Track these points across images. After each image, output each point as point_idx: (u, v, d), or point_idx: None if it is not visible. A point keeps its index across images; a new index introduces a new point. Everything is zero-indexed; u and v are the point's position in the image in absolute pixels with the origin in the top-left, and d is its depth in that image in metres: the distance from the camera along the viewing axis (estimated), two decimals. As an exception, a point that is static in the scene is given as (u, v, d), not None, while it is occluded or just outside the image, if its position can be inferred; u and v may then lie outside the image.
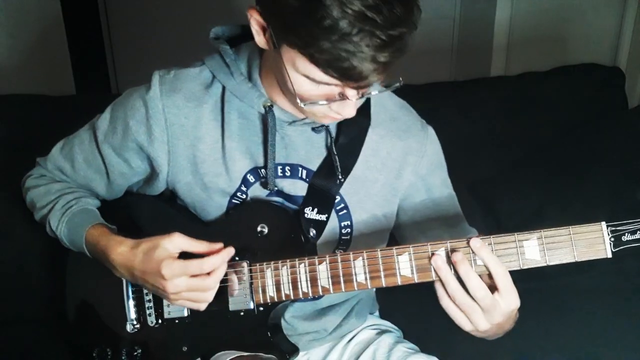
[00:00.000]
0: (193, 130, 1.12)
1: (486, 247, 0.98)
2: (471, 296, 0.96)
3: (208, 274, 1.04)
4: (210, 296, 1.06)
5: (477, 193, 1.98)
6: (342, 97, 0.96)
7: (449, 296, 0.97)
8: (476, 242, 0.98)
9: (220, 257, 1.05)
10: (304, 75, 0.94)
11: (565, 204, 1.82)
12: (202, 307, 1.08)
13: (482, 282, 0.96)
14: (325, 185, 1.14)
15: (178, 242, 1.05)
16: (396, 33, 0.87)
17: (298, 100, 0.97)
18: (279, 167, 1.13)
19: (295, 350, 1.17)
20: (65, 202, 1.20)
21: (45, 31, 2.16)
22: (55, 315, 1.39)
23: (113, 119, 1.18)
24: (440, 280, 0.98)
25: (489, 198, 1.96)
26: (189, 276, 1.03)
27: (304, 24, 0.86)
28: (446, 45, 2.56)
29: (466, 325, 0.99)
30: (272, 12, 0.93)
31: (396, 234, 1.26)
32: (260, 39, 0.99)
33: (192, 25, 2.36)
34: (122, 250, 1.09)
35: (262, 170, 1.13)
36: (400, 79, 0.99)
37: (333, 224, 1.17)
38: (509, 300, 0.97)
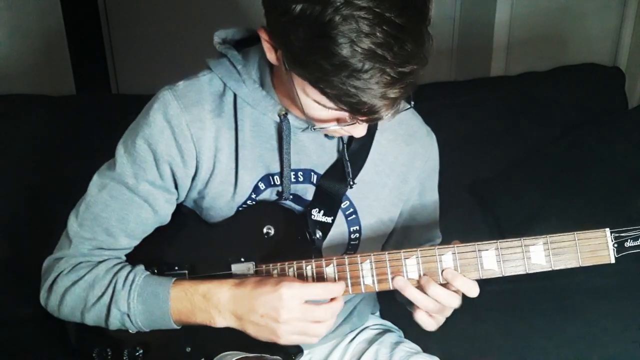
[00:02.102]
0: (214, 142, 1.08)
1: (432, 284, 1.02)
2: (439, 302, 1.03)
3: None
4: (324, 331, 1.01)
5: (477, 193, 1.98)
6: (353, 119, 0.96)
7: (424, 311, 1.04)
8: (399, 281, 1.04)
9: (340, 286, 1.02)
10: (314, 100, 0.94)
11: (565, 203, 1.82)
12: (314, 341, 1.03)
13: (450, 292, 1.02)
14: (331, 187, 1.13)
15: (290, 278, 1.04)
16: (407, 70, 0.86)
17: (308, 121, 0.98)
18: (292, 173, 1.12)
19: (299, 350, 1.16)
20: (125, 279, 1.07)
21: (45, 31, 2.15)
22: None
23: (135, 156, 1.07)
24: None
25: (489, 198, 1.96)
26: (304, 302, 0.99)
27: (313, 60, 0.85)
28: (446, 45, 2.56)
29: (435, 327, 1.08)
30: (281, 41, 0.91)
31: None
32: (271, 57, 0.98)
33: (192, 25, 2.36)
34: (229, 286, 1.03)
35: (274, 177, 1.12)
36: (412, 102, 1.00)
37: (342, 229, 1.17)
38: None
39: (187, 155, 1.07)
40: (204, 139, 1.07)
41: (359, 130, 1.00)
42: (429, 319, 1.05)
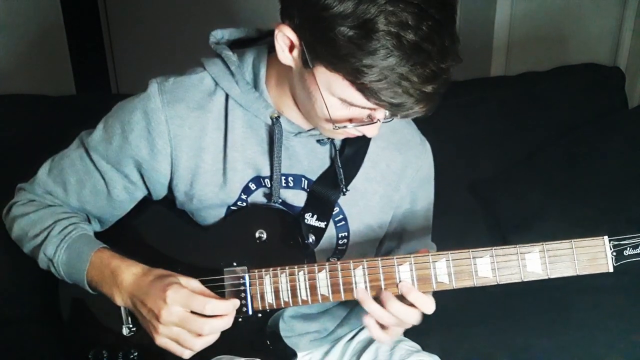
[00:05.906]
0: (197, 141, 1.08)
1: (392, 299, 1.00)
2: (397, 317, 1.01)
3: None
4: (198, 345, 1.00)
5: (477, 193, 1.98)
6: (370, 119, 0.96)
7: (378, 324, 1.02)
8: (360, 292, 1.03)
9: (225, 305, 1.01)
10: (340, 98, 0.93)
11: (565, 204, 1.82)
12: (186, 354, 1.02)
13: (410, 308, 1.01)
14: (325, 193, 1.13)
15: (193, 282, 1.03)
16: (445, 66, 0.87)
17: (328, 123, 0.97)
18: (283, 178, 1.12)
19: (293, 354, 1.16)
20: (62, 228, 1.11)
21: (45, 31, 2.16)
22: (53, 316, 1.39)
23: (108, 134, 1.10)
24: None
25: (489, 198, 1.96)
26: (188, 310, 0.99)
27: (356, 55, 0.85)
28: (446, 45, 2.56)
29: (388, 340, 1.07)
30: (316, 37, 0.89)
31: None
32: (285, 56, 0.96)
33: (192, 25, 2.36)
34: (136, 271, 1.05)
35: (265, 179, 1.11)
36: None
37: (330, 234, 1.16)
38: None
39: (157, 151, 1.07)
40: (183, 136, 1.07)
41: (373, 129, 1.00)
42: (385, 335, 1.04)
